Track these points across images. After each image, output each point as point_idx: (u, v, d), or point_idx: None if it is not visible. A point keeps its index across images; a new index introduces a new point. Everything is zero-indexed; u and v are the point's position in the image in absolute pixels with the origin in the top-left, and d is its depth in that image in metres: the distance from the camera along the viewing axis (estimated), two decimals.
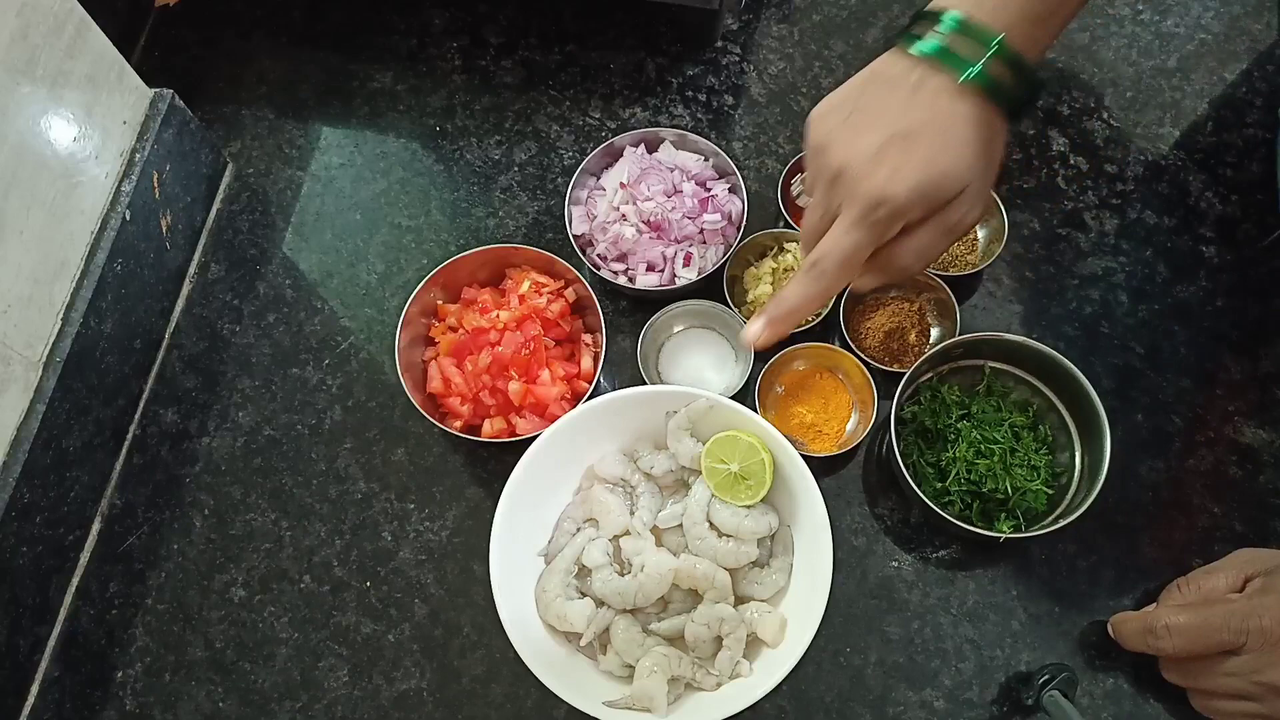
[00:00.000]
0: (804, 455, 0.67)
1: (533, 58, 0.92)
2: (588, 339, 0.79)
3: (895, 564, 0.74)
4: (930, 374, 0.75)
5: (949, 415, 0.73)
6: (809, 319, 0.77)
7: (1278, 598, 0.61)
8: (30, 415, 0.71)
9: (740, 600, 0.67)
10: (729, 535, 0.67)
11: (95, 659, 0.75)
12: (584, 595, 0.68)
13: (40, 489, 0.72)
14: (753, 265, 0.81)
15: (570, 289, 0.78)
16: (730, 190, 0.80)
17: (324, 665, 0.74)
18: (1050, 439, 0.73)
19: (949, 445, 0.72)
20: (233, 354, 0.83)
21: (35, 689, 0.74)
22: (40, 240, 0.70)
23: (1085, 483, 0.70)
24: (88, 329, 0.74)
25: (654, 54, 0.92)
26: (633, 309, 0.82)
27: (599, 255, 0.79)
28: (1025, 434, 0.73)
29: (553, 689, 0.62)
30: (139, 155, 0.79)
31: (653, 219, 0.77)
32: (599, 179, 0.82)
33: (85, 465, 0.77)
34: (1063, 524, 0.67)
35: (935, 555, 0.74)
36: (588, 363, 0.77)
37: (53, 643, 0.75)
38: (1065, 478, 0.72)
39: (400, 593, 0.75)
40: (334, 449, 0.80)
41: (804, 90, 0.90)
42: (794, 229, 0.79)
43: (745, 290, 0.80)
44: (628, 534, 0.68)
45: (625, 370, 0.80)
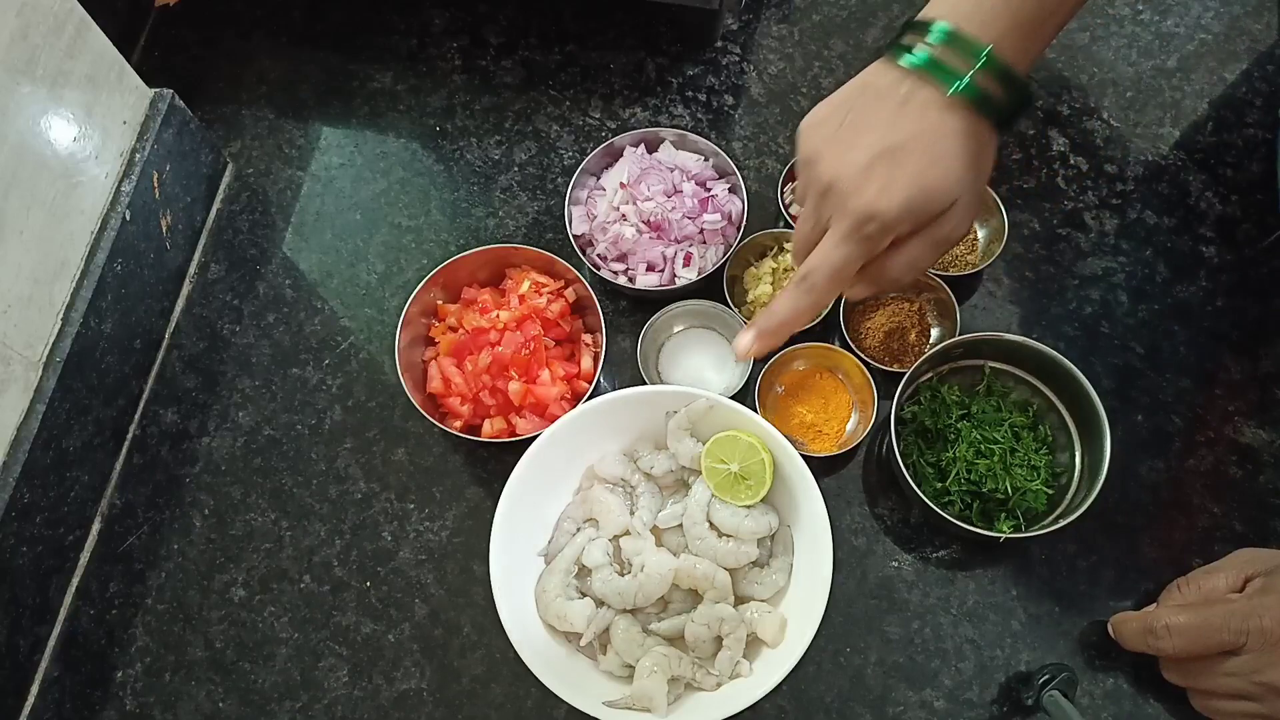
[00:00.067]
0: (804, 455, 0.67)
1: (533, 58, 0.92)
2: (588, 339, 0.79)
3: (895, 564, 0.74)
4: (930, 374, 0.75)
5: (949, 415, 0.73)
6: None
7: (1278, 598, 0.61)
8: (30, 415, 0.71)
9: (740, 600, 0.67)
10: (729, 535, 0.67)
11: (95, 659, 0.75)
12: (584, 595, 0.68)
13: (40, 489, 0.72)
14: (753, 265, 0.81)
15: (570, 289, 0.78)
16: (730, 190, 0.80)
17: (324, 665, 0.74)
18: (1050, 439, 0.73)
19: (949, 445, 0.72)
20: (233, 354, 0.83)
21: (35, 689, 0.74)
22: (40, 240, 0.70)
23: (1085, 483, 0.70)
24: (88, 329, 0.74)
25: (654, 54, 0.92)
26: (633, 309, 0.82)
27: (599, 255, 0.79)
28: (1025, 434, 0.73)
29: (553, 689, 0.62)
30: (139, 155, 0.79)
31: (653, 219, 0.77)
32: (599, 179, 0.82)
33: (85, 465, 0.77)
34: (1063, 524, 0.67)
35: (935, 555, 0.74)
36: (588, 363, 0.77)
37: (53, 643, 0.75)
38: (1065, 478, 0.72)
39: (400, 593, 0.75)
40: (334, 449, 0.80)
41: (804, 90, 0.90)
42: (793, 229, 0.79)
43: (745, 290, 0.80)
44: (628, 534, 0.68)
45: (625, 370, 0.80)
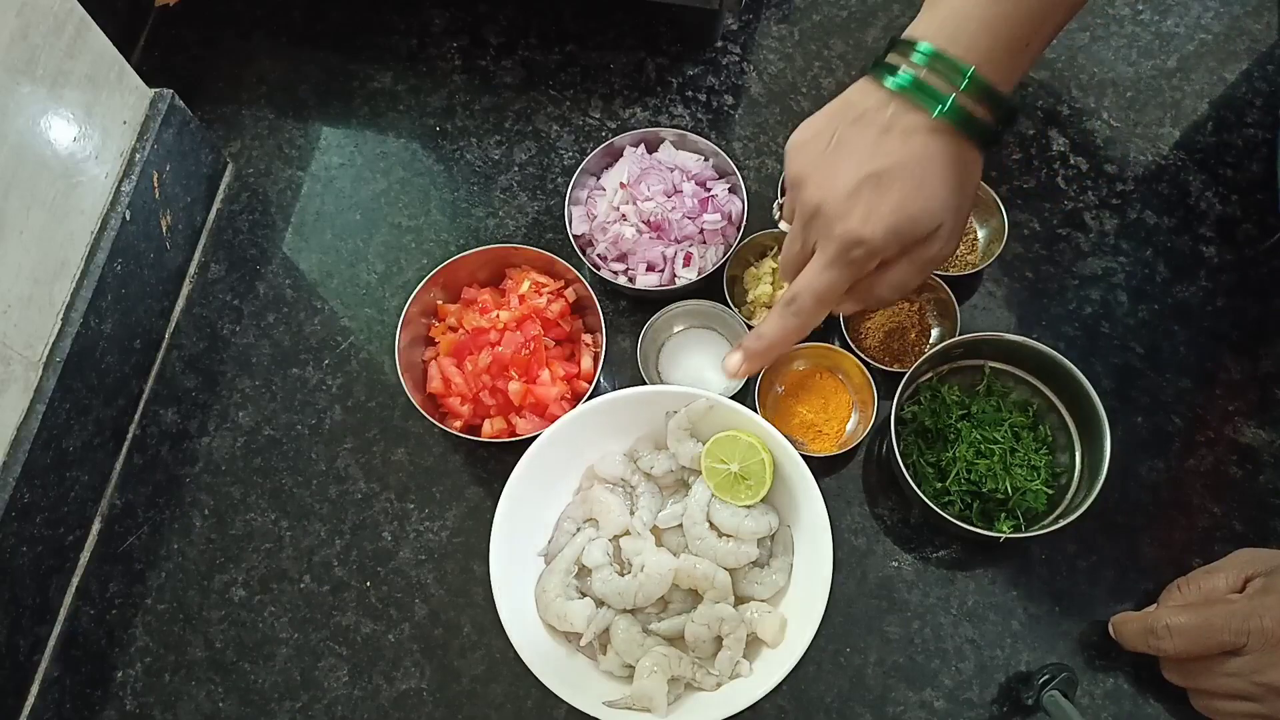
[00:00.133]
0: (804, 455, 0.67)
1: (533, 58, 0.92)
2: (588, 339, 0.78)
3: (895, 564, 0.74)
4: (930, 374, 0.75)
5: (949, 415, 0.73)
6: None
7: (1278, 598, 0.61)
8: (30, 415, 0.71)
9: (740, 600, 0.67)
10: (729, 535, 0.67)
11: (95, 659, 0.75)
12: (584, 595, 0.68)
13: (40, 489, 0.72)
14: (753, 265, 0.81)
15: (570, 289, 0.78)
16: (730, 190, 0.80)
17: (324, 665, 0.74)
18: (1050, 439, 0.73)
19: (949, 445, 0.72)
20: (233, 354, 0.83)
21: (35, 689, 0.74)
22: (40, 240, 0.70)
23: (1085, 483, 0.70)
24: (88, 329, 0.74)
25: (654, 54, 0.92)
26: (633, 309, 0.82)
27: (599, 255, 0.79)
28: (1025, 434, 0.73)
29: (553, 689, 0.62)
30: (139, 155, 0.79)
31: (653, 219, 0.77)
32: (599, 179, 0.82)
33: (85, 465, 0.76)
34: (1063, 524, 0.67)
35: (935, 555, 0.74)
36: (588, 363, 0.77)
37: (53, 643, 0.75)
38: (1065, 478, 0.72)
39: (400, 593, 0.75)
40: (334, 449, 0.80)
41: (804, 90, 0.90)
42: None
43: (745, 290, 0.80)
44: (628, 534, 0.68)
45: (625, 370, 0.80)
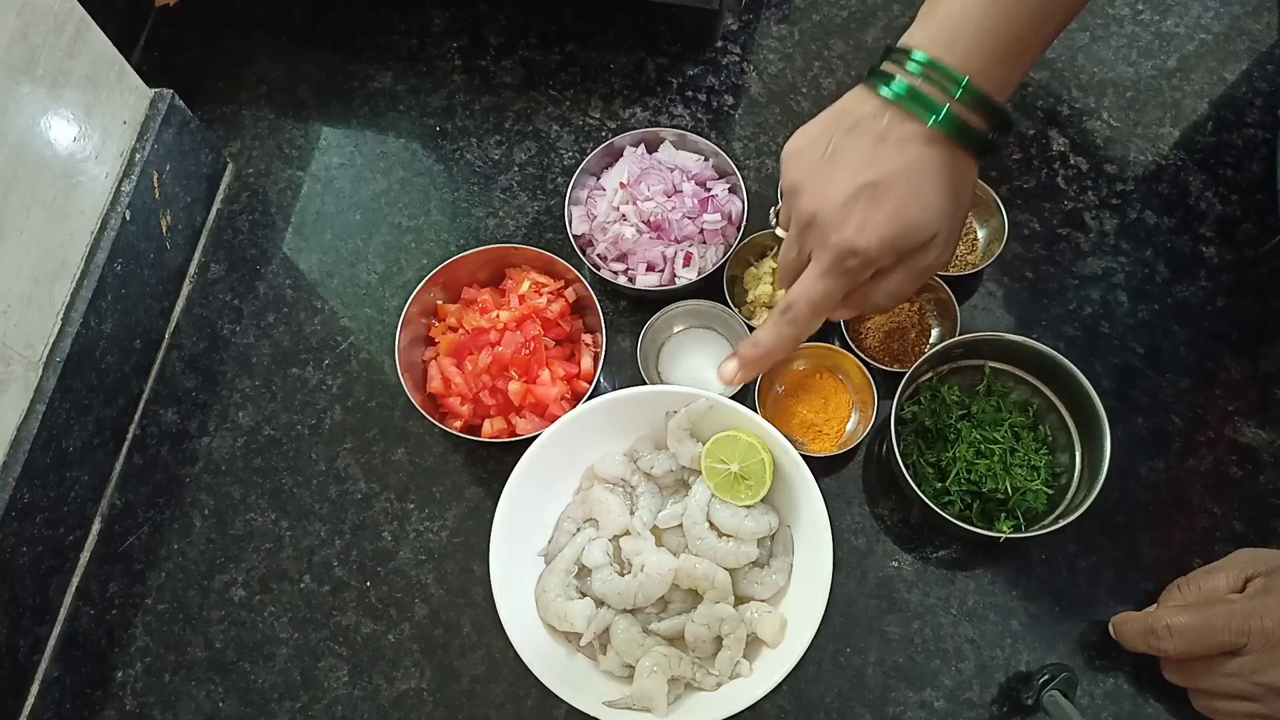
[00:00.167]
0: (804, 455, 0.67)
1: (533, 58, 0.92)
2: (588, 339, 0.78)
3: (895, 564, 0.74)
4: (930, 374, 0.75)
5: (949, 415, 0.73)
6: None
7: (1278, 598, 0.61)
8: (30, 415, 0.71)
9: (740, 600, 0.67)
10: (729, 535, 0.67)
11: (95, 659, 0.75)
12: (584, 595, 0.68)
13: (40, 489, 0.72)
14: (753, 265, 0.81)
15: (570, 289, 0.78)
16: (730, 190, 0.80)
17: (324, 665, 0.74)
18: (1050, 439, 0.73)
19: (949, 445, 0.72)
20: (233, 354, 0.83)
21: (35, 689, 0.74)
22: (40, 240, 0.70)
23: (1085, 483, 0.70)
24: (88, 329, 0.74)
25: (654, 54, 0.92)
26: (633, 309, 0.82)
27: (599, 255, 0.79)
28: (1025, 434, 0.73)
29: (553, 689, 0.62)
30: (139, 155, 0.79)
31: (653, 219, 0.77)
32: (599, 179, 0.82)
33: (85, 465, 0.76)
34: (1063, 524, 0.67)
35: (935, 555, 0.74)
36: (588, 363, 0.77)
37: (53, 643, 0.75)
38: (1065, 478, 0.72)
39: (400, 593, 0.75)
40: (334, 449, 0.80)
41: (804, 90, 0.90)
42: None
43: (745, 290, 0.80)
44: (628, 534, 0.68)
45: (625, 370, 0.80)
